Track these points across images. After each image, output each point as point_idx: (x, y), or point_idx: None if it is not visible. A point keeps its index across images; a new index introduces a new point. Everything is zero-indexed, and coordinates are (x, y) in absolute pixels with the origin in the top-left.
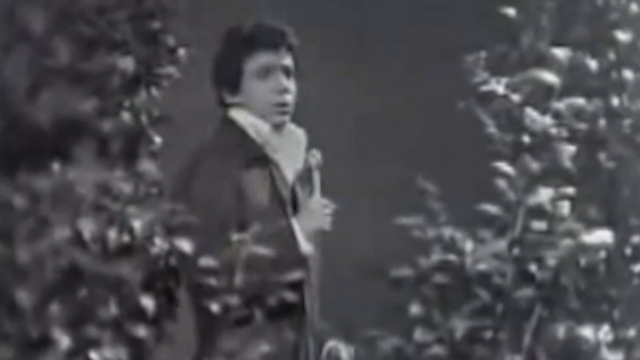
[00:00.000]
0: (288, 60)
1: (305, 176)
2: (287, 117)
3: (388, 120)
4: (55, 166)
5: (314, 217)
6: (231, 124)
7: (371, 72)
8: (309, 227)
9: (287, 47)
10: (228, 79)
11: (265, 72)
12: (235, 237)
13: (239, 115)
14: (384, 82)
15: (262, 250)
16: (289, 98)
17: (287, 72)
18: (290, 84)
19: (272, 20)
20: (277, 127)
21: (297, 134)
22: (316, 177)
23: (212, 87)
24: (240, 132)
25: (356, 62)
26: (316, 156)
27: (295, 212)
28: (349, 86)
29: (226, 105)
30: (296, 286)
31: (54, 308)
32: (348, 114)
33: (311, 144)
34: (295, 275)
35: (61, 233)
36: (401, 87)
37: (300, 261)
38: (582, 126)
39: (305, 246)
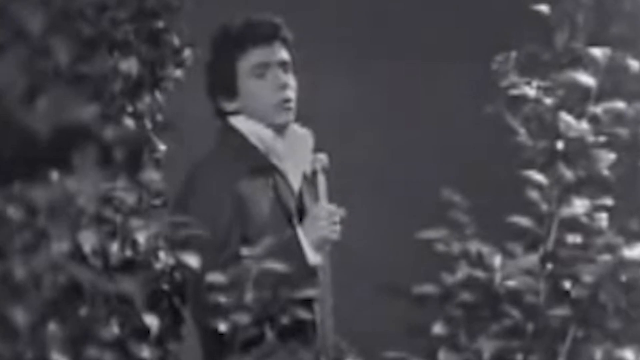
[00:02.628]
0: (284, 54)
1: (312, 181)
2: (291, 115)
3: (407, 124)
4: (54, 175)
5: (318, 225)
6: (232, 132)
7: (386, 72)
8: (313, 235)
9: (281, 40)
10: (223, 83)
11: (261, 70)
12: (245, 251)
13: (240, 123)
14: (400, 81)
15: (276, 266)
16: (291, 93)
17: (284, 66)
18: (290, 79)
19: (262, 14)
20: (281, 129)
21: (302, 135)
22: (322, 182)
23: (208, 98)
24: (241, 141)
25: (370, 61)
26: (322, 160)
27: (302, 221)
28: (362, 86)
29: (225, 114)
30: (305, 301)
31: (52, 328)
32: (362, 116)
33: (323, 148)
34: (305, 289)
35: (59, 247)
36: (421, 88)
37: (308, 274)
38: (621, 132)
39: (313, 257)
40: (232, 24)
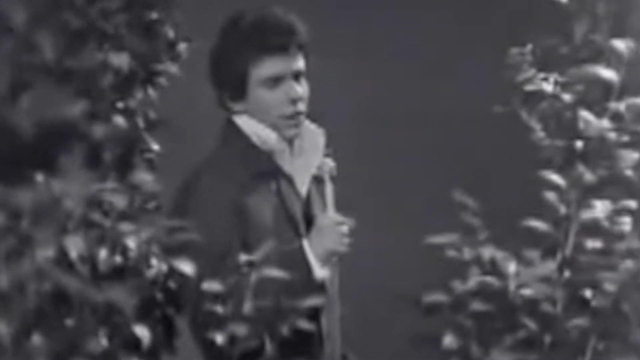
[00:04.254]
0: (300, 63)
1: (320, 186)
2: (300, 129)
3: (415, 123)
4: (39, 177)
5: (325, 237)
6: (235, 131)
7: (391, 69)
8: (321, 248)
9: (297, 47)
10: (231, 84)
11: (274, 82)
12: (243, 258)
13: (244, 122)
14: (406, 79)
15: (275, 273)
16: (302, 107)
17: (298, 76)
18: (303, 89)
19: (276, 10)
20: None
21: (314, 133)
22: (329, 190)
23: (211, 87)
24: (245, 141)
25: (373, 60)
26: (329, 165)
27: (309, 230)
28: (366, 86)
29: (229, 110)
30: (312, 315)
31: (37, 339)
32: (367, 116)
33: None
34: (309, 302)
35: (45, 253)
36: (429, 85)
37: (314, 287)
38: None
39: (319, 270)
40: (244, 19)
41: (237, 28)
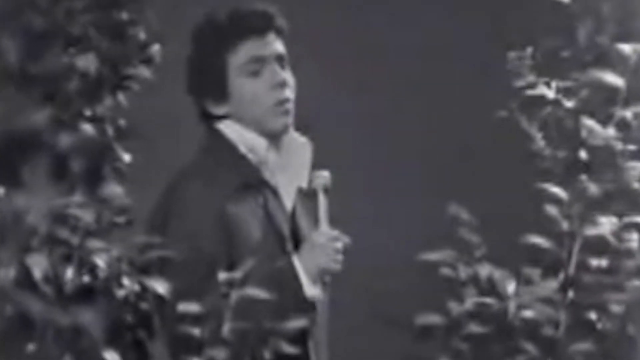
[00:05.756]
0: (279, 47)
1: (310, 200)
2: (290, 119)
3: (405, 130)
4: (0, 191)
5: (319, 253)
6: (219, 139)
7: (387, 73)
8: (313, 266)
9: (275, 31)
10: (210, 84)
11: (255, 66)
12: (222, 276)
13: (228, 129)
14: (396, 85)
15: (257, 293)
16: (289, 93)
17: (281, 61)
18: (288, 75)
19: (251, 3)
20: (277, 137)
21: (301, 144)
22: (322, 204)
23: (191, 98)
24: (229, 150)
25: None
26: (324, 178)
27: (296, 247)
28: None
29: (211, 117)
30: (298, 337)
31: None
32: (357, 124)
33: (318, 163)
34: (295, 323)
35: (6, 273)
36: (421, 91)
37: (305, 308)
38: None
39: (310, 289)
40: (217, 14)
41: (211, 25)
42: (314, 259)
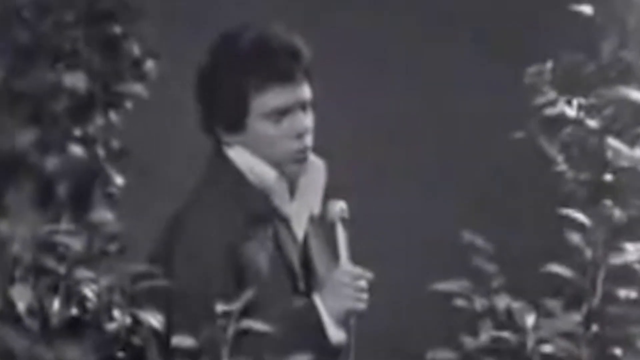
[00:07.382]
0: (306, 92)
1: (322, 228)
2: (305, 165)
3: (418, 149)
4: None
5: (342, 293)
6: (227, 165)
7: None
8: (338, 307)
9: (303, 73)
10: (227, 115)
11: (280, 115)
12: (219, 308)
13: (238, 156)
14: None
15: (256, 325)
16: (309, 140)
17: (305, 106)
18: (309, 119)
19: (277, 29)
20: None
21: (315, 168)
22: (341, 237)
23: (198, 115)
24: (237, 178)
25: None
26: (341, 208)
27: (307, 284)
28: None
29: (219, 141)
30: None
31: None
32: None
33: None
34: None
35: None
36: (437, 107)
37: (329, 353)
38: None
39: (335, 332)
40: (242, 38)
41: (234, 49)
42: (338, 300)
